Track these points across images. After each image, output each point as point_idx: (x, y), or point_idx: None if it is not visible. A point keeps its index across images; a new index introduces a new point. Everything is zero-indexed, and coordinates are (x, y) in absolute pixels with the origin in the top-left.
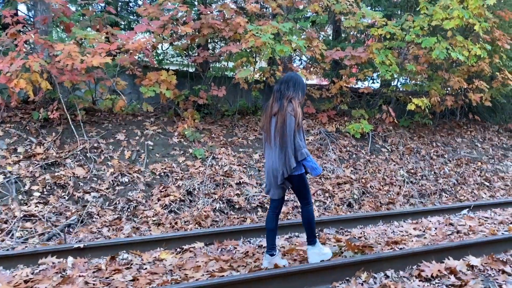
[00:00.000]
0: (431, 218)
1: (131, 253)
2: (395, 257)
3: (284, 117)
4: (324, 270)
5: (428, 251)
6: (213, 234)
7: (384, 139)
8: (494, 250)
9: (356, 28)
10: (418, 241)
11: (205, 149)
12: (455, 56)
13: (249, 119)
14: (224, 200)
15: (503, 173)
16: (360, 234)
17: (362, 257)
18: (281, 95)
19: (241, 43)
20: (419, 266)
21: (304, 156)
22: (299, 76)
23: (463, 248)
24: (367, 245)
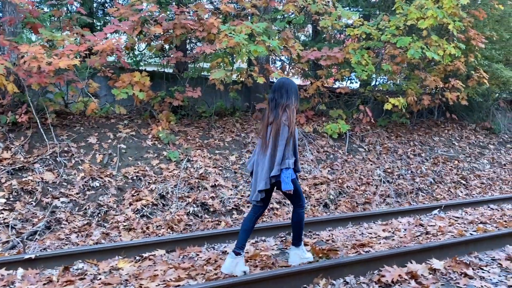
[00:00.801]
0: (402, 219)
1: (87, 262)
2: (356, 262)
3: (279, 126)
4: (281, 277)
5: (391, 255)
6: (175, 241)
7: (361, 139)
8: (458, 252)
9: (332, 28)
10: (386, 243)
11: (180, 152)
12: (430, 55)
13: (226, 120)
14: (198, 204)
15: (479, 171)
16: (328, 237)
17: (321, 263)
18: (276, 104)
19: (215, 43)
20: (380, 271)
21: (286, 166)
22: (291, 81)
23: (426, 251)
24: (332, 249)
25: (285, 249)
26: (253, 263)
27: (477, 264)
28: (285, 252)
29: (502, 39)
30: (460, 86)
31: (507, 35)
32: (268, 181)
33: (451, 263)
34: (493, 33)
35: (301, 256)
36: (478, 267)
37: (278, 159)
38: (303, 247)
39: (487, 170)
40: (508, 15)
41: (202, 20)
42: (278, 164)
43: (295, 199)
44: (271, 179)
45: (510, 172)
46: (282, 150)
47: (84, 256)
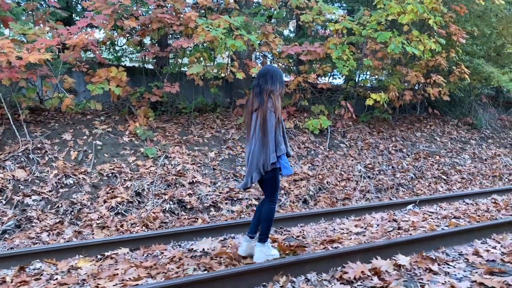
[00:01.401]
0: (375, 215)
1: (45, 262)
2: (319, 259)
3: (265, 113)
4: (240, 275)
5: (355, 251)
6: (140, 239)
7: (343, 134)
8: (426, 248)
9: (314, 23)
10: (356, 239)
11: (158, 148)
12: (410, 50)
13: (206, 116)
14: (175, 201)
15: (460, 166)
16: (299, 233)
17: (281, 260)
18: (260, 90)
19: (192, 38)
20: (344, 267)
21: (282, 153)
22: (276, 68)
23: (392, 247)
24: (300, 245)
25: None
26: (218, 261)
27: (443, 260)
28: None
29: (483, 34)
30: (441, 82)
31: (488, 31)
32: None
33: (417, 259)
34: (474, 29)
35: (266, 253)
36: (444, 262)
37: (271, 147)
38: (269, 244)
39: (468, 165)
40: (489, 11)
41: (180, 14)
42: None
43: (272, 191)
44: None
45: (491, 167)
46: (273, 138)
47: (43, 255)
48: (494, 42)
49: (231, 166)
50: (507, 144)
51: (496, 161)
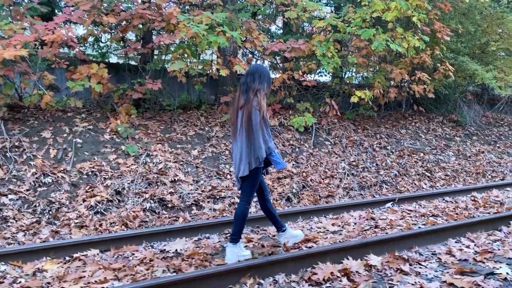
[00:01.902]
0: (354, 213)
1: (11, 264)
2: (289, 260)
3: (250, 111)
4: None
5: (326, 252)
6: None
7: (328, 132)
8: (398, 247)
9: (299, 20)
10: (332, 238)
11: (140, 146)
12: (394, 47)
13: (190, 114)
14: (156, 199)
15: (444, 163)
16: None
17: (249, 262)
18: (247, 88)
19: (174, 34)
20: (314, 268)
21: (270, 151)
22: (264, 68)
23: (364, 247)
24: (275, 245)
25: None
26: (188, 262)
27: (415, 259)
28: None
29: (468, 32)
30: (426, 79)
31: (473, 28)
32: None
33: (389, 259)
34: (459, 26)
35: (238, 253)
36: (416, 262)
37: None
38: (241, 245)
39: (452, 162)
40: (474, 8)
41: (162, 10)
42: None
43: (249, 191)
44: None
45: (475, 164)
46: (259, 135)
47: (9, 257)
48: (479, 40)
49: (214, 164)
50: (491, 141)
51: (480, 158)
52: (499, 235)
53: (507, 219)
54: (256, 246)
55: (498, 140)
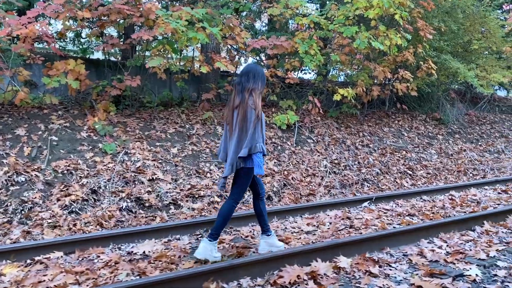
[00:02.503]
0: (330, 212)
1: None
2: (254, 263)
3: (245, 110)
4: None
5: (295, 254)
6: (76, 242)
7: (310, 130)
8: (369, 248)
9: (282, 17)
10: (306, 239)
11: (117, 144)
12: (376, 45)
13: (171, 111)
14: (132, 198)
15: (426, 161)
16: (249, 233)
17: (213, 265)
18: (242, 88)
19: (153, 29)
20: (281, 271)
21: (257, 151)
22: (258, 67)
23: (334, 248)
24: (246, 246)
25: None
26: (155, 265)
27: (386, 261)
28: None
29: (451, 30)
30: (408, 77)
31: (455, 27)
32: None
33: (359, 261)
34: (441, 25)
35: (210, 252)
36: (386, 263)
37: (247, 142)
38: (215, 244)
39: (434, 160)
40: (457, 7)
41: (140, 5)
42: (246, 146)
43: (240, 190)
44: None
45: (456, 162)
46: (251, 134)
47: None
48: (461, 38)
49: (194, 162)
50: (473, 139)
51: (462, 156)
52: (472, 235)
53: (480, 219)
54: (226, 248)
55: (480, 139)
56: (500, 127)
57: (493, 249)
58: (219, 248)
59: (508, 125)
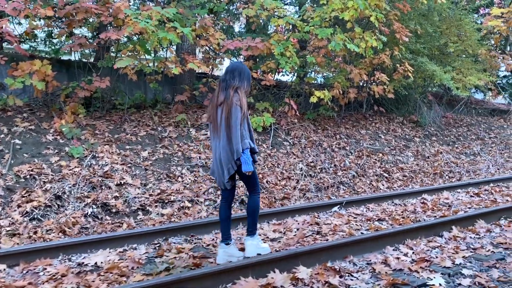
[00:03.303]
0: (299, 218)
1: None
2: (207, 275)
3: (230, 107)
4: None
5: (250, 265)
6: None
7: (287, 132)
8: (332, 257)
9: (258, 18)
10: (270, 246)
11: (85, 147)
12: (351, 47)
13: (144, 113)
14: (98, 204)
15: (403, 163)
16: (211, 241)
17: (161, 279)
18: (227, 85)
19: (122, 29)
20: (234, 283)
21: (245, 147)
22: (244, 66)
23: (294, 258)
24: (205, 256)
25: (155, 258)
26: (104, 277)
27: (348, 270)
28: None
29: (427, 33)
30: (385, 80)
31: (431, 30)
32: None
33: (319, 271)
34: (417, 27)
35: (257, 246)
36: (348, 273)
37: (235, 140)
38: (258, 237)
39: (410, 163)
40: (433, 10)
41: (109, 4)
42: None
43: (253, 182)
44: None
45: (433, 165)
46: (238, 131)
47: None
48: (438, 41)
49: (165, 166)
50: (450, 142)
51: (438, 158)
52: (439, 241)
53: (449, 224)
54: (183, 258)
55: (457, 141)
56: (477, 130)
57: (460, 255)
58: (178, 258)
59: (484, 127)
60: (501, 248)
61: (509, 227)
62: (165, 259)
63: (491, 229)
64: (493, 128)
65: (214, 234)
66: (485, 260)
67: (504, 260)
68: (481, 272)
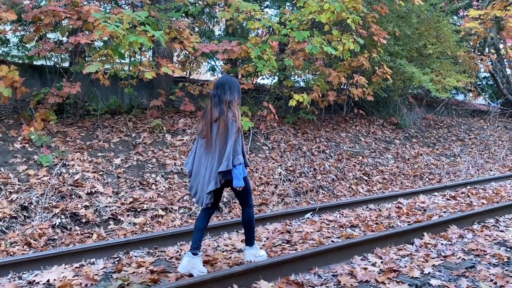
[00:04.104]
0: (270, 226)
1: None
2: None
3: (226, 123)
4: None
5: (205, 282)
6: None
7: (266, 136)
8: (295, 269)
9: (234, 21)
10: (236, 258)
11: (55, 156)
12: (327, 50)
13: (118, 119)
14: (67, 214)
15: (383, 166)
16: (176, 253)
17: None
18: (219, 100)
19: (92, 33)
20: None
21: (239, 162)
22: (233, 78)
23: (254, 272)
24: (165, 271)
25: (113, 273)
26: None
27: (311, 283)
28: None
29: (405, 35)
30: (363, 82)
31: (409, 32)
32: (218, 180)
33: (281, 284)
34: (395, 29)
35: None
36: (312, 286)
37: (227, 154)
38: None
39: (390, 165)
40: (411, 12)
41: (78, 8)
42: (226, 159)
43: (246, 196)
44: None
45: (413, 167)
46: (231, 147)
47: None
48: (417, 43)
49: (138, 174)
50: (430, 143)
51: (418, 160)
52: (409, 249)
53: (420, 231)
54: (139, 274)
55: (437, 142)
56: (457, 131)
57: (429, 264)
58: (136, 273)
59: (464, 128)
60: (472, 255)
61: (481, 232)
62: (123, 274)
63: (464, 235)
64: (473, 129)
65: (180, 245)
66: (455, 269)
67: (474, 268)
68: (450, 282)
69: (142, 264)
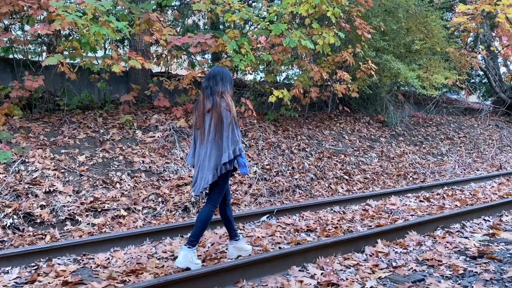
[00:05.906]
0: (220, 230)
1: None
2: None
3: (220, 113)
4: None
5: None
6: None
7: (244, 133)
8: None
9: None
10: (169, 266)
11: (15, 152)
12: (305, 44)
13: (87, 114)
14: (21, 214)
15: (366, 165)
16: (104, 261)
17: None
18: (211, 91)
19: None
20: None
21: (242, 151)
22: (225, 69)
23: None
24: (80, 282)
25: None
26: None
27: None
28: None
29: (392, 30)
30: (347, 78)
31: (395, 27)
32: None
33: None
34: (380, 24)
35: (191, 259)
36: None
37: (227, 145)
38: (195, 251)
39: (373, 164)
40: (398, 7)
41: None
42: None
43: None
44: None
45: (397, 166)
46: (229, 136)
47: None
48: (404, 39)
49: (103, 172)
50: (417, 142)
51: (403, 159)
52: (357, 258)
53: (374, 237)
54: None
55: (425, 141)
56: (446, 129)
57: (375, 276)
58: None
59: (454, 126)
60: (426, 265)
61: (443, 239)
62: (35, 285)
63: (423, 242)
64: (463, 127)
65: (112, 251)
66: (401, 282)
67: (423, 282)
68: None
69: (62, 273)
